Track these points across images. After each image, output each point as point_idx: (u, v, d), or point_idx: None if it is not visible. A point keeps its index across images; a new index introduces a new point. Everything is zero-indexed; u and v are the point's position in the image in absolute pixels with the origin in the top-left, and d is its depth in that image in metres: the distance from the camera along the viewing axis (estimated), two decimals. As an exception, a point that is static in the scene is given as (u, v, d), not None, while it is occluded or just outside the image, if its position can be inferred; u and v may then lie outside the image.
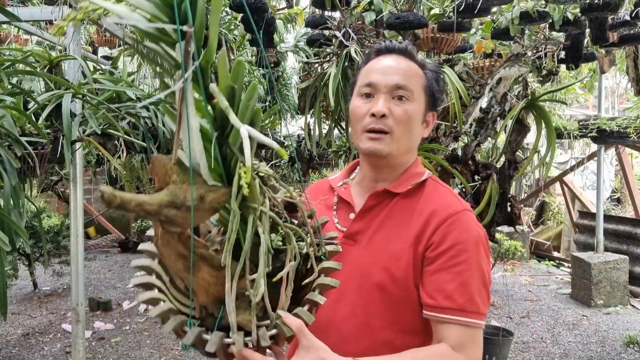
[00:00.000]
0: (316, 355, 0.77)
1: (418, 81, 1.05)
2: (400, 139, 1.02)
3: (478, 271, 0.96)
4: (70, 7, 2.45)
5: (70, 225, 2.48)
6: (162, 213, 0.62)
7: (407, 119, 1.02)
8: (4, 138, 1.58)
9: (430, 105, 1.08)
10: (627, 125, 4.37)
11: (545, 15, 2.74)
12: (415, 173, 1.07)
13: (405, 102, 1.02)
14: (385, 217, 1.04)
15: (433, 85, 1.07)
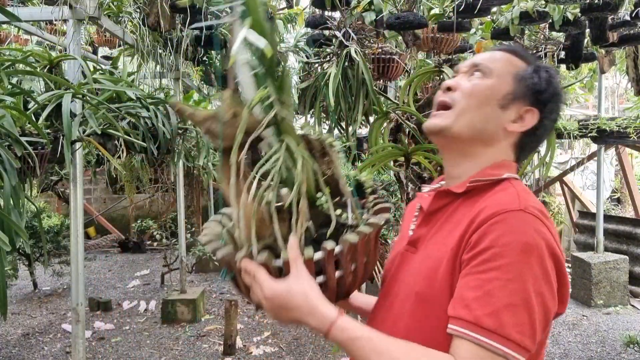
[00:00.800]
0: (301, 286, 0.78)
1: (506, 66, 0.95)
2: (463, 112, 0.92)
3: (516, 284, 0.75)
4: (70, 7, 2.45)
5: (70, 225, 2.48)
6: (206, 125, 0.82)
7: (472, 91, 0.93)
8: (4, 138, 1.58)
9: (525, 98, 0.94)
10: (627, 125, 4.37)
11: (545, 15, 2.74)
12: (491, 173, 0.91)
13: (477, 77, 0.94)
14: (445, 221, 0.92)
15: (534, 79, 0.94)
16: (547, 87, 0.95)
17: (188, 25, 3.00)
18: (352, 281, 0.85)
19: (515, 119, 0.94)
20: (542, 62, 1.00)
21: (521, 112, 0.94)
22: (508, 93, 0.93)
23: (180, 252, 4.44)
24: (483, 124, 0.93)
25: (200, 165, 4.39)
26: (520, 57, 0.97)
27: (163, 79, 4.12)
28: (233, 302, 3.65)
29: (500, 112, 0.93)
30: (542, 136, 1.00)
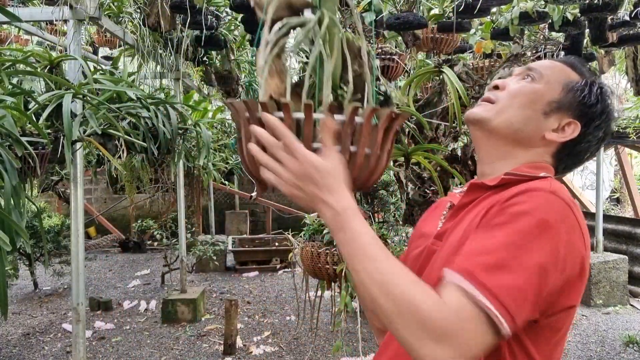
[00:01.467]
0: (333, 159, 0.73)
1: (558, 75, 0.95)
2: (504, 109, 0.92)
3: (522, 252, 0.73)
4: (70, 7, 2.46)
5: (70, 225, 2.49)
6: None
7: (518, 92, 0.93)
8: (5, 138, 1.59)
9: (571, 110, 0.93)
10: (627, 125, 4.38)
11: (544, 15, 2.75)
12: (528, 170, 0.89)
13: (526, 80, 0.95)
14: (470, 210, 0.90)
15: (584, 92, 0.93)
16: (597, 102, 0.93)
17: (188, 25, 3.00)
18: (366, 166, 0.78)
19: (556, 129, 0.93)
20: (600, 80, 0.98)
21: (563, 122, 0.93)
22: (553, 101, 0.93)
23: (180, 252, 4.44)
24: (521, 124, 0.92)
25: (200, 165, 4.40)
26: (576, 70, 0.97)
27: (163, 79, 4.13)
28: (233, 301, 3.66)
29: (542, 118, 0.93)
30: (584, 153, 0.97)
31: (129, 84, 2.67)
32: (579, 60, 1.00)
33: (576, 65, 0.97)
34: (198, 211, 6.86)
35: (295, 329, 4.16)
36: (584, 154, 0.98)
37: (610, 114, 0.95)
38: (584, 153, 0.97)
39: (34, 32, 3.65)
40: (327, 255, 2.64)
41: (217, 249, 5.95)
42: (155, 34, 3.34)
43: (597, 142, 0.96)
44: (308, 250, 2.72)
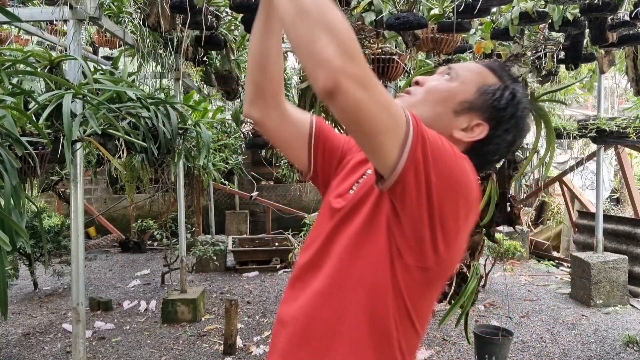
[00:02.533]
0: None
1: (474, 77, 0.98)
2: (417, 103, 0.97)
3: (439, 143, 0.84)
4: (70, 7, 2.45)
5: (70, 225, 2.49)
6: None
7: (433, 89, 0.97)
8: (5, 138, 1.59)
9: (482, 112, 0.97)
10: (627, 125, 4.38)
11: (544, 15, 2.75)
12: None
13: (445, 79, 0.99)
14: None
15: (495, 95, 0.97)
16: (507, 106, 0.97)
17: (188, 25, 3.00)
18: None
19: (465, 128, 0.97)
20: (517, 86, 1.00)
21: (473, 123, 0.97)
22: (466, 101, 0.96)
23: (180, 252, 4.44)
24: (431, 120, 0.94)
25: (200, 165, 4.40)
26: (496, 74, 1.00)
27: (163, 79, 4.13)
28: (233, 301, 3.66)
29: (453, 116, 0.96)
30: (491, 154, 1.01)
31: (129, 84, 2.67)
32: (501, 65, 1.03)
33: (497, 70, 1.01)
34: (198, 211, 6.86)
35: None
36: (492, 156, 1.02)
37: (520, 120, 0.99)
38: (491, 155, 1.01)
39: (34, 32, 3.65)
40: (327, 255, 2.64)
41: (217, 249, 5.95)
42: (155, 34, 3.34)
43: (506, 145, 1.00)
44: (308, 250, 2.71)
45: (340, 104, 0.74)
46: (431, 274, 0.91)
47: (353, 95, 0.73)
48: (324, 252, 0.98)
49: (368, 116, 0.76)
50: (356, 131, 0.79)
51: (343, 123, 0.79)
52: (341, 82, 0.72)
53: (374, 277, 0.91)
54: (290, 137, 1.12)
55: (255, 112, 1.10)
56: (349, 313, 0.92)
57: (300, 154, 1.13)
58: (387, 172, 0.82)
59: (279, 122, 1.11)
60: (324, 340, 0.93)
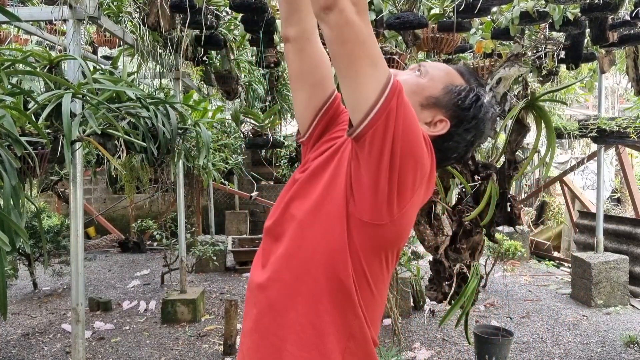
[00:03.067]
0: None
1: (442, 76, 1.05)
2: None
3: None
4: (70, 7, 2.45)
5: (70, 225, 2.48)
6: None
7: (403, 82, 0.99)
8: (4, 138, 1.58)
9: (446, 109, 1.03)
10: (627, 125, 4.37)
11: (545, 15, 2.74)
12: None
13: (415, 75, 1.05)
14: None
15: (460, 95, 1.03)
16: (470, 107, 1.02)
17: (188, 25, 3.00)
18: None
19: (428, 122, 1.02)
20: (482, 89, 1.07)
21: (436, 118, 1.03)
22: (432, 96, 1.02)
23: (180, 252, 4.43)
24: None
25: (200, 165, 4.39)
26: (463, 77, 1.06)
27: (163, 79, 4.12)
28: (233, 302, 3.65)
29: (419, 109, 1.01)
30: (452, 151, 1.06)
31: (129, 83, 2.67)
32: (470, 70, 1.08)
33: (465, 74, 1.07)
34: (198, 211, 6.85)
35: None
36: (451, 153, 1.07)
37: (481, 122, 1.05)
38: (451, 151, 1.06)
39: (34, 31, 3.64)
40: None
41: (217, 249, 5.94)
42: (155, 34, 3.34)
43: (465, 144, 1.06)
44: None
45: (334, 19, 0.80)
46: (384, 234, 0.94)
47: (348, 14, 0.80)
48: (284, 219, 1.03)
49: (356, 38, 0.82)
50: (341, 53, 0.83)
51: (331, 44, 0.83)
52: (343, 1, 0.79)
53: (330, 236, 0.94)
54: (310, 77, 1.14)
55: (291, 30, 1.12)
56: (309, 273, 0.96)
57: (307, 109, 1.16)
58: (360, 113, 0.86)
59: (311, 48, 1.13)
60: (285, 301, 0.97)
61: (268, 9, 2.83)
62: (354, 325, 0.95)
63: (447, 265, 2.55)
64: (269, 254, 1.04)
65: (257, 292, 1.02)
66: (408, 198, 0.92)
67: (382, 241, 0.96)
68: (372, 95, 0.84)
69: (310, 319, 0.95)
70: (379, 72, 0.85)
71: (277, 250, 1.01)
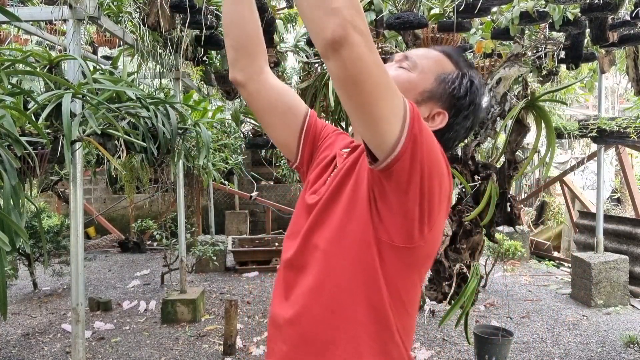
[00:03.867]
0: None
1: (433, 66, 0.99)
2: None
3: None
4: (70, 7, 2.45)
5: (70, 225, 2.48)
6: None
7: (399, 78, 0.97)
8: (4, 138, 1.58)
9: (441, 100, 0.98)
10: (627, 125, 4.37)
11: (545, 15, 2.74)
12: None
13: (403, 69, 0.99)
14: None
15: (454, 84, 0.97)
16: (465, 95, 0.98)
17: (188, 25, 3.00)
18: None
19: (426, 117, 0.98)
20: (473, 72, 1.02)
21: (433, 112, 0.98)
22: (426, 90, 0.97)
23: (180, 252, 4.43)
24: None
25: (200, 165, 4.39)
26: (452, 60, 1.00)
27: (163, 79, 4.12)
28: (233, 302, 3.65)
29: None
30: (452, 141, 1.03)
31: (129, 83, 2.67)
32: (456, 50, 1.03)
33: (452, 56, 1.01)
34: (198, 211, 6.85)
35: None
36: (452, 142, 1.04)
37: (478, 106, 1.01)
38: (451, 141, 1.03)
39: (34, 31, 3.64)
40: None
41: (217, 249, 5.94)
42: (155, 34, 3.34)
43: (465, 131, 1.02)
44: (308, 251, 2.71)
45: (346, 56, 0.72)
46: (417, 254, 0.92)
47: (359, 49, 0.73)
48: (306, 250, 0.98)
49: (370, 75, 0.75)
50: (355, 93, 0.77)
51: (343, 83, 0.77)
52: (350, 33, 0.72)
53: (361, 265, 0.91)
54: (277, 109, 1.12)
55: (240, 75, 1.12)
56: (343, 306, 0.92)
57: (288, 138, 1.14)
58: (384, 149, 0.81)
59: (265, 86, 1.11)
60: (321, 336, 0.93)
61: (268, 9, 2.83)
62: (394, 353, 0.93)
63: (447, 265, 2.55)
64: (293, 287, 0.99)
65: (285, 327, 0.97)
66: (436, 215, 0.89)
67: (416, 261, 0.93)
68: (394, 129, 0.79)
69: (350, 354, 0.92)
70: (396, 101, 0.79)
71: (303, 282, 0.97)
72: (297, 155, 1.15)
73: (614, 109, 7.10)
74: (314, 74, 2.88)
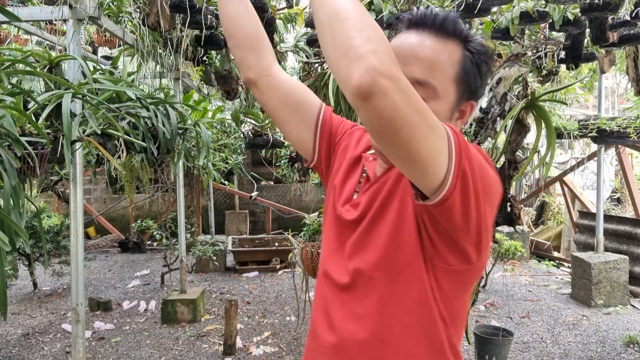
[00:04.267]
0: None
1: (446, 73, 0.89)
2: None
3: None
4: (70, 7, 2.45)
5: (70, 225, 2.48)
6: None
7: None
8: (4, 138, 1.58)
9: (465, 96, 0.93)
10: (627, 125, 4.37)
11: (545, 15, 2.74)
12: None
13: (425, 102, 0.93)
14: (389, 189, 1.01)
15: (470, 73, 0.91)
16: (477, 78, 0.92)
17: (188, 25, 3.00)
18: None
19: (459, 117, 0.95)
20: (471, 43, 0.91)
21: (464, 107, 0.94)
22: (452, 103, 0.92)
23: (180, 252, 4.43)
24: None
25: (200, 165, 4.39)
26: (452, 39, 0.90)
27: (163, 79, 4.12)
28: (233, 302, 3.65)
29: (448, 121, 0.92)
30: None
31: (129, 83, 2.67)
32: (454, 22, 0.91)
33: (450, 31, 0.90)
34: (198, 211, 6.85)
35: (295, 329, 4.16)
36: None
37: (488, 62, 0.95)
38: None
39: (34, 31, 3.64)
40: (328, 255, 2.63)
41: (217, 249, 5.94)
42: (155, 34, 3.34)
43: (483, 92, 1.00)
44: (308, 251, 2.71)
45: (377, 106, 0.66)
46: (474, 272, 0.90)
47: (391, 96, 0.66)
48: (352, 272, 0.95)
49: (406, 121, 0.68)
50: (393, 140, 0.70)
51: (378, 132, 0.70)
52: (378, 81, 0.65)
53: (413, 292, 0.89)
54: (289, 104, 1.10)
55: (251, 72, 1.09)
56: (393, 334, 0.90)
57: (302, 134, 1.11)
58: (432, 188, 0.76)
59: (277, 80, 1.09)
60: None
61: (268, 9, 2.83)
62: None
63: (447, 265, 2.55)
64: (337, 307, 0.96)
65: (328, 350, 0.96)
66: (490, 231, 0.86)
67: (472, 278, 0.92)
68: (439, 170, 0.74)
69: None
70: (438, 141, 0.73)
71: (349, 307, 0.94)
72: (314, 153, 1.12)
73: (614, 109, 7.11)
74: (314, 74, 2.88)
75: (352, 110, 2.52)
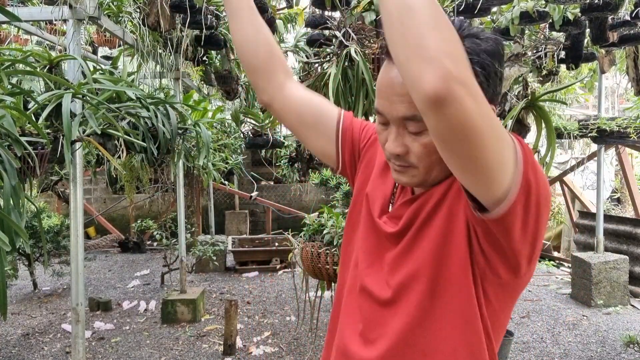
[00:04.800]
0: None
1: None
2: (430, 170, 0.87)
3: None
4: (70, 7, 2.45)
5: (70, 225, 2.48)
6: None
7: (428, 153, 0.84)
8: (4, 138, 1.58)
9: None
10: (627, 125, 4.37)
11: (545, 15, 2.74)
12: None
13: (421, 136, 0.83)
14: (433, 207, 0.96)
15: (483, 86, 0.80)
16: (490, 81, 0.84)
17: (188, 24, 3.00)
18: None
19: None
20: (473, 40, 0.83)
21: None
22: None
23: (180, 252, 4.44)
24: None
25: (200, 165, 4.39)
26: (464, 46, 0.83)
27: (163, 79, 4.12)
28: (233, 302, 3.65)
29: None
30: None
31: (129, 83, 2.67)
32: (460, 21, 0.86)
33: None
34: (198, 211, 6.85)
35: (295, 329, 4.16)
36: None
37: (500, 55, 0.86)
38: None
39: (34, 31, 3.65)
40: (327, 255, 2.63)
41: (217, 249, 5.94)
42: (155, 34, 3.34)
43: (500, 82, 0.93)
44: (308, 251, 2.71)
45: (449, 114, 0.62)
46: (522, 283, 0.88)
47: (464, 104, 0.62)
48: (394, 286, 0.92)
49: (477, 131, 0.65)
50: (460, 149, 0.67)
51: (445, 141, 0.67)
52: (453, 88, 0.61)
53: (459, 307, 0.86)
54: (307, 121, 1.09)
55: (265, 95, 1.10)
56: (437, 349, 0.88)
57: (325, 146, 1.10)
58: (495, 199, 0.73)
59: (290, 100, 1.09)
60: None
61: (268, 9, 2.83)
62: None
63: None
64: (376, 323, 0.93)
65: None
66: (542, 241, 0.83)
67: (521, 289, 0.90)
68: (503, 181, 0.71)
69: None
70: (506, 151, 0.70)
71: (390, 322, 0.91)
72: (338, 162, 1.11)
73: (614, 109, 7.11)
74: (314, 74, 2.88)
75: (353, 110, 2.52)
